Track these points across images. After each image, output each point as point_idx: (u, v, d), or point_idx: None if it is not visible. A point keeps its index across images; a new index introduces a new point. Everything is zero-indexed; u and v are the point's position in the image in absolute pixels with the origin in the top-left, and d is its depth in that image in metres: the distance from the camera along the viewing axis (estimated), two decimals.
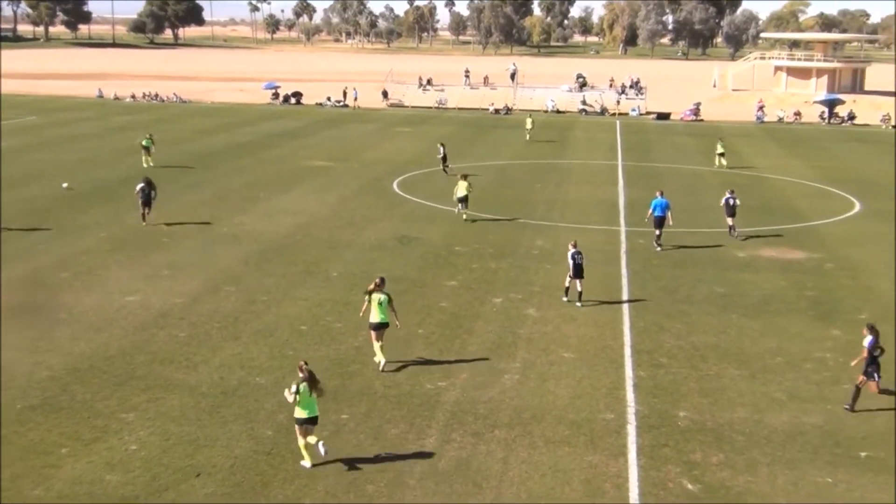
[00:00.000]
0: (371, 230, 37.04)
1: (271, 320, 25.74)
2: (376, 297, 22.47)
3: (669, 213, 34.55)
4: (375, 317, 22.40)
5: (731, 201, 36.59)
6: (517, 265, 32.09)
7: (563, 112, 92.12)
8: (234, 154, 57.62)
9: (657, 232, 34.78)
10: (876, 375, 20.15)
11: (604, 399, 20.83)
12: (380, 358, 22.41)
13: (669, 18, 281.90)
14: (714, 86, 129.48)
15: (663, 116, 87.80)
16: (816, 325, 26.25)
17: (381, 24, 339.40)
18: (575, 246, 27.90)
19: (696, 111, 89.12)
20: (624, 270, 31.76)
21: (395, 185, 47.50)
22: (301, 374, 17.47)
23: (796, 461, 17.99)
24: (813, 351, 24.11)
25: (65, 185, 38.85)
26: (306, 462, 17.44)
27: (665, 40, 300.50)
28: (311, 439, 17.38)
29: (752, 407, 20.51)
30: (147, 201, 37.15)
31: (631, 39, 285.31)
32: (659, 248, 34.50)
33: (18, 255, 32.07)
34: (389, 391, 21.02)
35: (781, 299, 28.69)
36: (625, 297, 28.71)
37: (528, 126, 69.08)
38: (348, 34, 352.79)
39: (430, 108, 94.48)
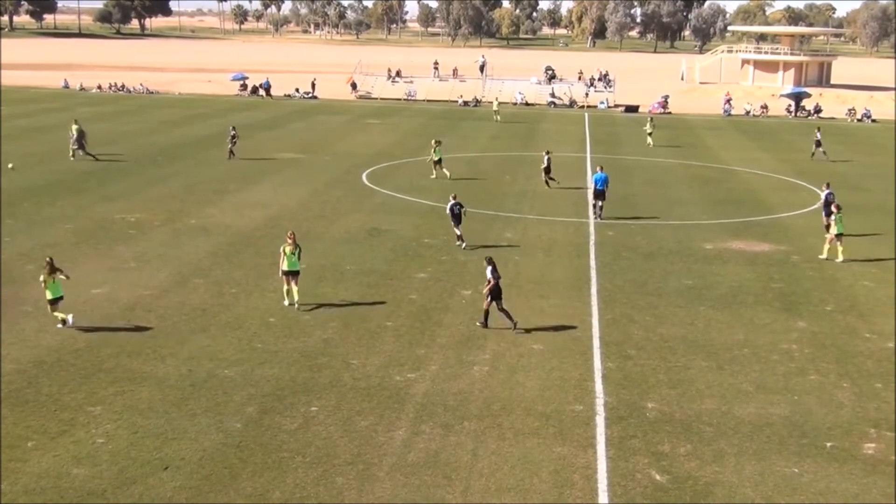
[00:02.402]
0: (341, 222, 36.96)
1: (240, 312, 25.63)
2: (288, 248, 25.96)
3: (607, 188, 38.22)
4: (285, 265, 26.04)
5: (831, 198, 35.68)
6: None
7: (532, 104, 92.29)
8: (203, 146, 57.28)
9: (598, 203, 38.37)
10: None
11: (573, 390, 20.91)
12: (291, 301, 26.16)
13: (637, 11, 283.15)
14: (682, 79, 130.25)
15: (632, 109, 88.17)
16: (783, 317, 26.47)
17: (350, 15, 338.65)
18: (455, 198, 32.65)
19: (665, 104, 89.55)
20: (593, 262, 31.87)
21: (364, 178, 47.41)
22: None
23: (763, 452, 18.15)
24: (780, 342, 24.32)
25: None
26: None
27: (633, 33, 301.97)
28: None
29: (720, 398, 20.67)
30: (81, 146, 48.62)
31: (599, 32, 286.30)
32: (599, 220, 37.75)
33: None
34: (359, 383, 21.00)
35: (749, 291, 28.92)
36: (594, 289, 28.82)
37: (495, 108, 77.61)
38: (317, 25, 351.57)
39: (400, 99, 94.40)
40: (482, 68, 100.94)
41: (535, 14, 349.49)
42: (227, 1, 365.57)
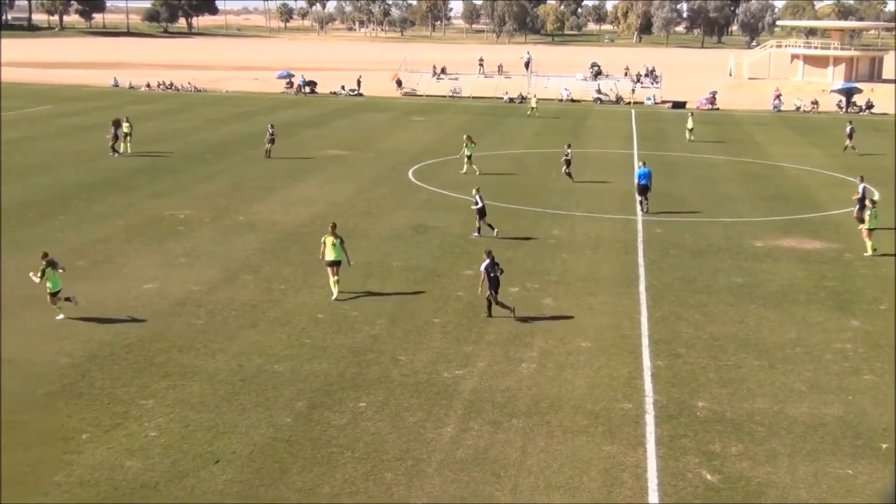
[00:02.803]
0: (387, 219, 37.06)
1: (289, 308, 25.78)
2: (329, 239, 26.31)
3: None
4: (329, 255, 26.38)
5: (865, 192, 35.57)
6: (533, 254, 32.06)
7: (578, 101, 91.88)
8: (249, 143, 57.62)
9: (643, 198, 38.94)
10: None
11: (622, 389, 20.81)
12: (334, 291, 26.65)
13: (684, 6, 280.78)
14: (730, 74, 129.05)
15: (679, 105, 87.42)
16: (836, 316, 26.14)
17: (395, 12, 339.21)
18: (478, 191, 33.91)
19: (713, 100, 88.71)
20: (641, 260, 31.69)
21: (410, 174, 47.49)
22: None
23: (817, 452, 17.93)
24: (833, 341, 24.01)
25: None
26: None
27: (680, 28, 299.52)
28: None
29: (772, 397, 20.45)
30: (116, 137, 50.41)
31: (646, 28, 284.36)
32: (646, 214, 38.27)
33: (39, 242, 32.13)
34: (407, 379, 21.05)
35: (800, 289, 28.59)
36: (642, 286, 28.65)
37: (533, 104, 79.31)
38: (361, 23, 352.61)
39: (445, 97, 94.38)
40: (527, 65, 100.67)
41: (580, 10, 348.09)
42: None
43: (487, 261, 24.90)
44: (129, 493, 15.89)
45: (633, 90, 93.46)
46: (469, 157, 47.27)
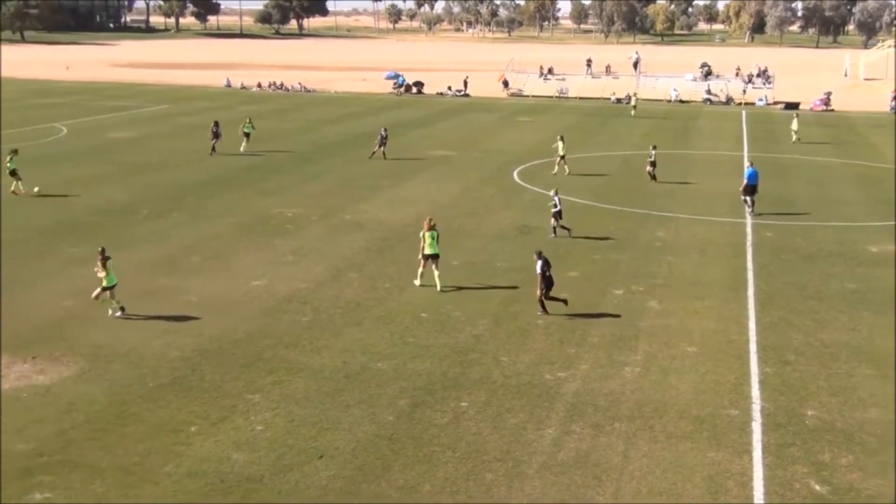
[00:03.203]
0: (492, 220, 37.08)
1: (392, 307, 25.99)
2: (428, 234, 27.02)
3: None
4: (428, 249, 27.15)
5: None
6: (639, 257, 31.70)
7: (687, 101, 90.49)
8: (357, 143, 58.31)
9: (749, 199, 38.47)
10: None
11: (728, 395, 20.42)
12: (423, 283, 27.57)
13: (799, 5, 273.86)
14: (845, 75, 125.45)
15: (792, 106, 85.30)
16: None
17: (502, 13, 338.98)
18: (556, 193, 34.04)
19: (827, 101, 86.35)
20: (750, 264, 31.05)
21: (515, 175, 47.43)
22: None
23: None
24: None
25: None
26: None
27: (794, 28, 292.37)
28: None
29: (885, 408, 19.82)
30: (216, 136, 52.09)
31: (758, 27, 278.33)
32: (751, 212, 38.05)
33: (152, 239, 33.15)
34: (509, 380, 21.02)
35: None
36: (750, 291, 28.08)
37: (633, 103, 79.24)
38: (469, 24, 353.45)
39: (551, 97, 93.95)
40: (636, 65, 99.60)
41: (690, 9, 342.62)
42: (382, 1, 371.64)
43: (540, 261, 25.04)
44: (235, 485, 16.24)
45: (745, 91, 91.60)
46: (562, 157, 47.01)
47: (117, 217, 36.54)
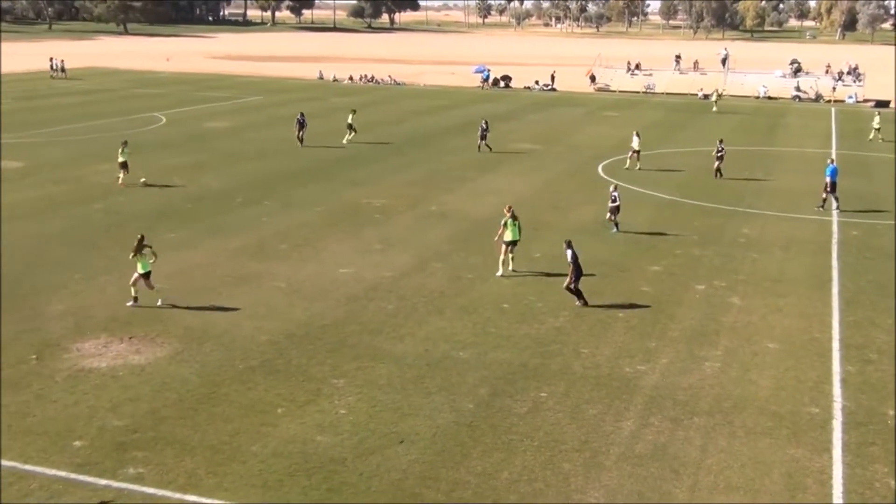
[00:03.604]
0: (575, 213, 36.90)
1: (475, 297, 26.05)
2: (509, 220, 27.56)
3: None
4: (508, 236, 27.68)
5: None
6: (722, 253, 31.25)
7: (775, 98, 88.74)
8: (445, 136, 58.49)
9: (826, 195, 38.01)
10: None
11: (809, 392, 20.04)
12: (505, 271, 27.95)
13: (892, 3, 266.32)
14: None
15: (883, 104, 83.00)
16: None
17: (591, 8, 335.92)
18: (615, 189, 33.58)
19: None
20: (835, 262, 30.39)
21: (600, 169, 47.09)
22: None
23: None
24: None
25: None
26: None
27: (887, 25, 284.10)
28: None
29: None
30: (301, 127, 52.56)
31: (850, 24, 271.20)
32: (836, 208, 37.58)
33: (245, 225, 33.73)
34: (589, 372, 20.93)
35: None
36: (835, 289, 27.48)
37: (714, 98, 79.75)
38: (558, 19, 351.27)
39: (638, 92, 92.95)
40: (724, 61, 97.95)
41: (781, 6, 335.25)
42: None
43: (570, 251, 25.03)
44: (319, 466, 16.47)
45: (835, 88, 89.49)
46: (637, 153, 46.50)
47: (212, 204, 37.26)
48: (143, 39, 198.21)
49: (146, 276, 24.48)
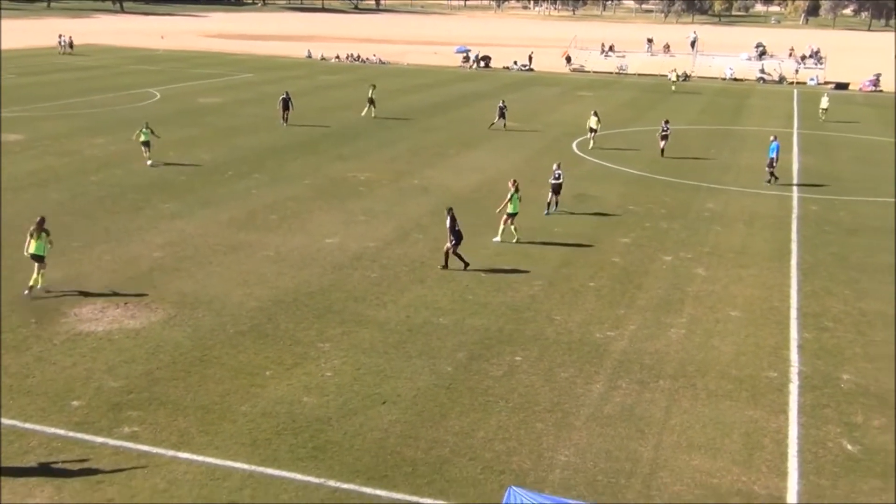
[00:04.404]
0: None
1: (454, 266, 26.05)
2: (514, 196, 27.74)
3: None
4: (509, 208, 27.88)
5: None
6: (688, 226, 31.38)
7: (741, 80, 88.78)
8: (427, 113, 58.28)
9: (771, 170, 38.50)
10: None
11: (767, 358, 20.23)
12: (506, 237, 28.32)
13: None
14: None
15: (842, 86, 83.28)
16: None
17: None
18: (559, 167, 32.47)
19: (876, 82, 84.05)
20: (794, 235, 30.57)
21: (574, 146, 47.07)
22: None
23: None
24: None
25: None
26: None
27: (848, 11, 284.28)
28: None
29: None
30: (286, 108, 50.59)
31: (813, 9, 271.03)
32: (771, 181, 38.33)
33: (236, 197, 33.60)
34: (561, 338, 21.04)
35: None
36: (794, 261, 27.67)
37: (673, 79, 78.60)
38: (536, 1, 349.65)
39: (611, 73, 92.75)
40: (693, 44, 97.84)
41: None
42: None
43: (449, 217, 25.20)
44: (306, 425, 16.53)
45: (797, 71, 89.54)
46: (594, 131, 46.18)
47: (204, 177, 37.07)
48: (138, 17, 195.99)
49: (40, 259, 22.69)
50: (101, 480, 14.56)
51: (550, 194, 32.68)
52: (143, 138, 38.98)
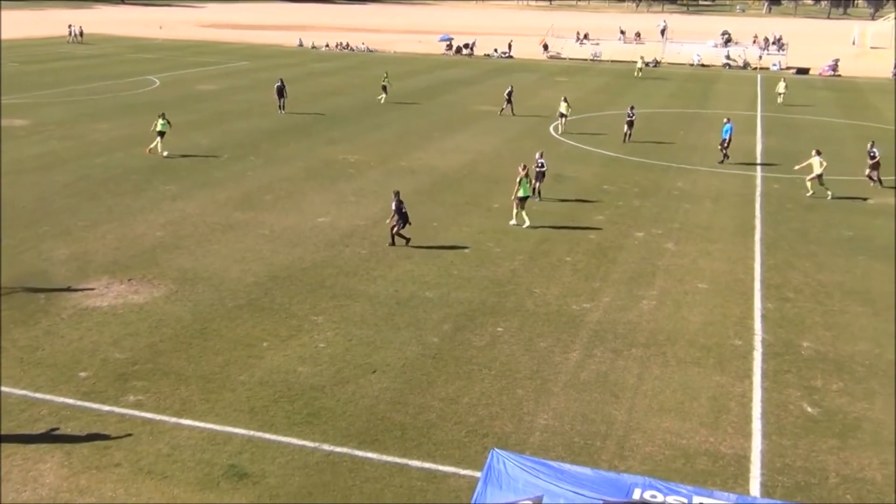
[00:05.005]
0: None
1: (439, 243, 26.07)
2: (523, 180, 27.40)
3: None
4: (521, 192, 27.46)
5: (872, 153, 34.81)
6: (659, 204, 31.44)
7: (708, 66, 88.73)
8: (414, 98, 58.01)
9: (725, 150, 38.55)
10: None
11: (733, 327, 20.35)
12: (519, 221, 27.67)
13: None
14: (853, 43, 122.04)
15: (803, 71, 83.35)
16: None
17: None
18: (542, 156, 31.36)
19: (835, 67, 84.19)
20: (758, 212, 30.70)
21: (551, 129, 47.00)
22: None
23: None
24: None
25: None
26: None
27: (808, 0, 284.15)
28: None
29: (874, 342, 19.67)
30: (281, 95, 49.35)
31: None
32: (723, 161, 38.31)
33: (232, 179, 33.45)
34: (540, 309, 21.10)
35: None
36: (758, 236, 27.80)
37: (639, 66, 78.29)
38: None
39: (586, 60, 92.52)
40: (663, 32, 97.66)
41: None
42: None
43: (395, 200, 25.16)
44: (301, 393, 16.56)
45: (761, 57, 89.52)
46: (564, 117, 45.87)
47: (202, 159, 36.86)
48: (137, 8, 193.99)
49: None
50: (109, 446, 14.56)
51: (535, 182, 32.20)
52: (159, 128, 37.21)
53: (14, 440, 14.63)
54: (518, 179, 27.60)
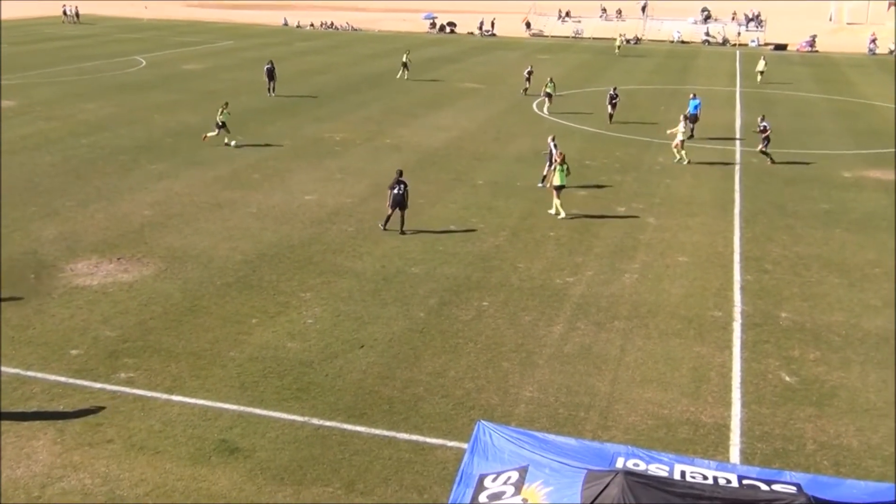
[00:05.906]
0: (514, 145, 36.79)
1: (425, 220, 26.01)
2: (559, 168, 26.14)
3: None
4: (557, 181, 26.15)
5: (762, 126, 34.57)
6: (640, 179, 31.45)
7: (688, 42, 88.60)
8: (398, 76, 57.69)
9: (692, 126, 37.40)
10: None
11: (713, 298, 20.43)
12: (558, 211, 26.36)
13: None
14: (830, 20, 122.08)
15: (781, 47, 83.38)
16: None
17: None
18: (553, 139, 29.58)
19: (812, 43, 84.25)
20: (737, 186, 30.75)
21: (534, 106, 46.86)
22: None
23: (887, 361, 17.34)
24: None
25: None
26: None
27: None
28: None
29: (850, 312, 19.80)
30: (271, 77, 48.11)
31: None
32: (690, 137, 36.13)
33: (220, 158, 33.22)
34: (524, 284, 21.11)
35: (883, 216, 27.34)
36: (737, 209, 27.86)
37: (618, 43, 77.62)
38: None
39: (568, 37, 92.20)
40: (644, 9, 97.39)
41: None
42: None
43: (396, 180, 24.30)
44: (290, 368, 16.54)
45: (739, 33, 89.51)
46: (550, 96, 45.58)
47: (190, 139, 36.57)
48: None
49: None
50: (101, 423, 14.52)
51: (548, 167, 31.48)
52: (220, 119, 35.28)
53: (7, 418, 14.56)
54: (553, 168, 26.81)
